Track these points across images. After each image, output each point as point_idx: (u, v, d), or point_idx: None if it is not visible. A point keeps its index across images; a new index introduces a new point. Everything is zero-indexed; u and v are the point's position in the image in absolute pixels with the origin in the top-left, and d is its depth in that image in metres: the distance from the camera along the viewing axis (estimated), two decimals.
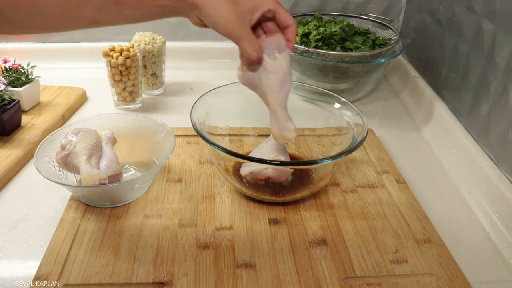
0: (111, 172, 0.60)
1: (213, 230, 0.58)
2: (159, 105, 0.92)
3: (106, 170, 0.59)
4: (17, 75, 0.82)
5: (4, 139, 0.73)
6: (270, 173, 0.61)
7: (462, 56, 0.79)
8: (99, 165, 0.60)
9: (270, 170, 0.61)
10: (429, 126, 0.85)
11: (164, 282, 0.50)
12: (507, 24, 0.66)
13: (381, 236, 0.58)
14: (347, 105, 0.67)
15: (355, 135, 0.62)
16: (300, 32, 0.94)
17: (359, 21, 1.03)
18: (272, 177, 0.61)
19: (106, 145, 0.63)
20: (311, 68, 0.90)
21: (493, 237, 0.61)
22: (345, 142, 0.65)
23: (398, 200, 0.65)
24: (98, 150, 0.62)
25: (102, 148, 0.63)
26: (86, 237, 0.56)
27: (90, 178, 0.57)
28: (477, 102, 0.73)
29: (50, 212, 0.62)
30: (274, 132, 0.59)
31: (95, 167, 0.59)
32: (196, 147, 0.75)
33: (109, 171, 0.59)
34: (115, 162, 0.61)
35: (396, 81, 1.04)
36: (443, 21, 0.88)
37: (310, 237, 0.58)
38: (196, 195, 0.64)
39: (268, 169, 0.61)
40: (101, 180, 0.57)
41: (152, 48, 0.90)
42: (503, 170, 0.65)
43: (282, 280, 0.51)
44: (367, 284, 0.51)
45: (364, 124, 0.62)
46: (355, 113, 0.65)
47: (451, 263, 0.54)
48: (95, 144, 0.62)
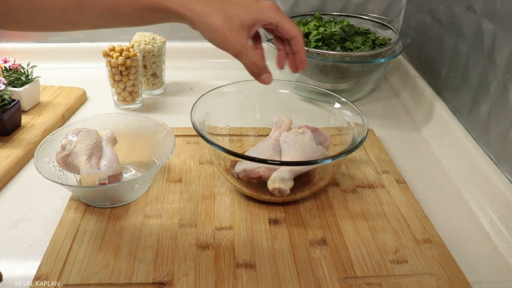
0: (111, 172, 0.60)
1: (213, 230, 0.58)
2: (159, 105, 0.92)
3: (106, 170, 0.59)
4: (17, 75, 0.82)
5: (4, 139, 0.73)
6: (262, 172, 0.61)
7: (462, 56, 0.79)
8: (99, 165, 0.60)
9: (263, 170, 0.61)
10: (429, 126, 0.85)
11: (164, 282, 0.50)
12: (507, 24, 0.66)
13: (381, 236, 0.58)
14: (347, 105, 0.67)
15: (355, 135, 0.62)
16: None
17: (359, 21, 1.03)
18: (264, 177, 0.61)
19: (106, 145, 0.63)
20: (311, 68, 0.90)
21: (493, 237, 0.61)
22: (345, 142, 0.65)
23: (398, 200, 0.65)
24: (98, 150, 0.62)
25: (103, 148, 0.63)
26: (86, 237, 0.56)
27: (90, 178, 0.57)
28: (477, 102, 0.73)
29: (50, 212, 0.62)
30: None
31: (95, 167, 0.59)
32: (196, 147, 0.75)
33: (109, 171, 0.59)
34: (115, 162, 0.61)
35: (396, 81, 1.04)
36: (443, 21, 0.88)
37: (310, 237, 0.58)
38: (196, 195, 0.64)
39: (260, 168, 0.61)
40: (101, 180, 0.57)
41: (152, 48, 0.90)
42: (503, 170, 0.65)
43: (282, 280, 0.51)
44: (367, 284, 0.51)
45: (364, 124, 0.62)
46: (355, 113, 0.65)
47: (451, 263, 0.54)
48: (95, 144, 0.62)
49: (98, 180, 0.56)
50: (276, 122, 0.70)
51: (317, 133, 0.68)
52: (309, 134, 0.65)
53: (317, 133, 0.68)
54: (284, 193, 0.60)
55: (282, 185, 0.59)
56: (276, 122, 0.70)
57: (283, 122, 0.70)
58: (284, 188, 0.59)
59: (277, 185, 0.59)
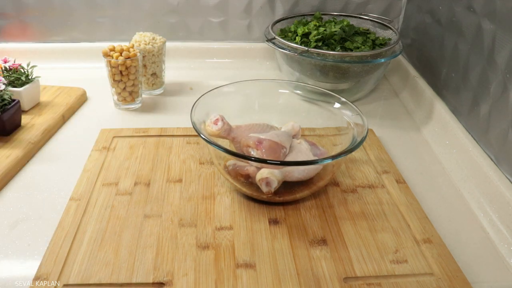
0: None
1: (213, 230, 0.58)
2: (159, 105, 0.92)
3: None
4: (17, 75, 0.82)
5: (4, 139, 0.73)
6: (251, 171, 0.60)
7: (462, 56, 0.79)
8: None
9: (252, 168, 0.60)
10: (429, 126, 0.85)
11: (164, 282, 0.50)
12: (507, 24, 0.66)
13: (381, 236, 0.58)
14: (347, 105, 0.67)
15: (355, 135, 0.62)
16: (300, 32, 0.94)
17: (359, 21, 1.03)
18: (252, 177, 0.61)
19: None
20: (311, 68, 0.90)
21: (493, 237, 0.61)
22: (345, 142, 0.65)
23: (398, 200, 0.65)
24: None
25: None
26: (86, 237, 0.56)
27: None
28: (477, 102, 0.73)
29: (50, 212, 0.62)
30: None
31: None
32: (196, 147, 0.75)
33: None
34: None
35: (396, 81, 1.04)
36: (443, 21, 0.88)
37: (310, 237, 0.58)
38: (196, 195, 0.64)
39: (250, 167, 0.61)
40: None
41: (152, 48, 0.90)
42: (503, 170, 0.65)
43: (282, 280, 0.51)
44: (367, 284, 0.51)
45: (364, 124, 0.62)
46: (355, 113, 0.65)
47: (451, 263, 0.54)
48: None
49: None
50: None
51: (315, 147, 0.67)
52: (306, 144, 0.65)
53: (315, 147, 0.67)
54: (272, 184, 0.59)
55: (270, 175, 0.58)
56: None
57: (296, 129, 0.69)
58: (271, 178, 0.58)
59: (265, 175, 0.58)
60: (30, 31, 1.06)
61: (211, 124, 0.64)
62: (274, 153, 0.61)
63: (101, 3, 1.04)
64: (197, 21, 1.09)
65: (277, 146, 0.61)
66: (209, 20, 1.09)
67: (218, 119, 0.64)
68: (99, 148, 0.73)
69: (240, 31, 1.10)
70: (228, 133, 0.65)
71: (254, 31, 1.10)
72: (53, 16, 1.05)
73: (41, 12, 1.04)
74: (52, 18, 1.05)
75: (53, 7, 1.04)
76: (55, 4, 1.04)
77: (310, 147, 0.66)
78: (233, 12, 1.08)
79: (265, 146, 0.60)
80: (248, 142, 0.62)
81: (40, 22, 1.06)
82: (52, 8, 1.04)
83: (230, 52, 1.10)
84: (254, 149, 0.61)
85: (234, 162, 0.62)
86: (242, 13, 1.08)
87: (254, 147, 0.61)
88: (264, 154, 0.60)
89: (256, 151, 0.61)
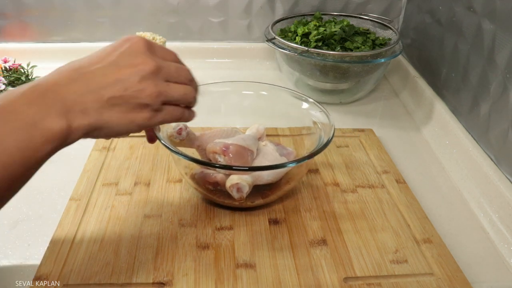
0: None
1: (213, 230, 0.58)
2: None
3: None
4: (17, 75, 0.82)
5: None
6: (220, 178, 0.58)
7: (462, 56, 0.79)
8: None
9: (220, 175, 0.59)
10: (429, 126, 0.85)
11: (164, 282, 0.50)
12: (507, 24, 0.66)
13: (381, 236, 0.58)
14: (314, 105, 0.66)
15: (322, 135, 0.61)
16: (300, 32, 0.94)
17: (359, 21, 1.03)
18: (221, 183, 0.58)
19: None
20: (311, 68, 0.90)
21: (493, 237, 0.61)
22: (312, 141, 0.64)
23: (398, 200, 0.65)
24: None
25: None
26: (86, 237, 0.56)
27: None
28: (477, 102, 0.73)
29: (50, 212, 0.62)
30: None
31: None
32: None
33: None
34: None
35: (396, 81, 1.04)
36: (443, 21, 0.88)
37: (310, 237, 0.58)
38: (196, 195, 0.64)
39: (218, 174, 0.59)
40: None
41: None
42: (503, 170, 0.65)
43: (282, 280, 0.51)
44: (367, 284, 0.51)
45: (331, 123, 0.60)
46: (322, 113, 0.64)
47: (451, 263, 0.54)
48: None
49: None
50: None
51: (281, 147, 0.66)
52: (272, 146, 0.64)
53: (281, 147, 0.66)
54: (243, 190, 0.57)
55: (240, 180, 0.56)
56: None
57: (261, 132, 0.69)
58: (242, 183, 0.56)
59: (235, 181, 0.57)
60: (30, 31, 1.06)
61: (174, 134, 0.61)
62: (242, 158, 0.59)
63: (101, 3, 1.04)
64: (197, 21, 1.09)
65: (244, 151, 0.60)
66: (209, 20, 1.09)
67: (181, 129, 0.61)
68: (99, 148, 0.73)
69: (240, 31, 1.10)
70: (193, 142, 0.63)
71: (254, 31, 1.10)
72: (53, 16, 1.05)
73: (41, 12, 1.04)
74: (52, 18, 1.05)
75: (53, 7, 1.04)
76: (55, 4, 1.04)
77: (276, 147, 0.65)
78: (233, 12, 1.08)
79: (232, 151, 0.58)
80: (214, 149, 0.59)
81: (40, 22, 1.05)
82: (52, 8, 1.04)
83: (230, 52, 1.10)
84: (221, 155, 0.59)
85: (200, 170, 0.60)
86: (242, 13, 1.08)
87: (221, 153, 0.59)
88: (232, 160, 0.58)
89: (223, 157, 0.59)
